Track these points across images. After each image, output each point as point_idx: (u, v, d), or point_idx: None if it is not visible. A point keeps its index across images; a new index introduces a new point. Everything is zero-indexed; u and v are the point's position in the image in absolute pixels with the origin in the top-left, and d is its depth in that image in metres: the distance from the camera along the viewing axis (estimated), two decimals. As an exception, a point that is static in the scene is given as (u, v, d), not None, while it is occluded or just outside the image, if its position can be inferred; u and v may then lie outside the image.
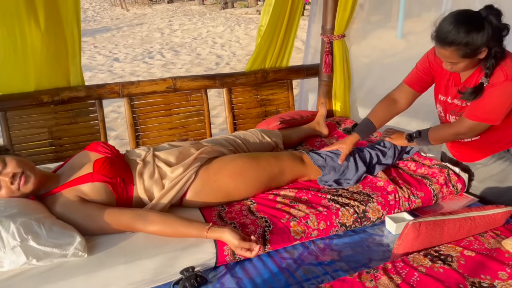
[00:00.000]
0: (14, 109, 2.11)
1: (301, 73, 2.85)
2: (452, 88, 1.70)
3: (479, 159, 1.83)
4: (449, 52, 1.50)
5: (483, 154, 1.80)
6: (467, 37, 1.44)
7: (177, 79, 2.45)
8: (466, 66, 1.56)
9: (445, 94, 1.76)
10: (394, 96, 1.90)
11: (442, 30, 1.48)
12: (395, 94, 1.90)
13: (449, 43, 1.48)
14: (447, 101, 1.75)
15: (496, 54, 1.49)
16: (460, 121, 1.67)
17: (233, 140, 2.00)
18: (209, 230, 1.42)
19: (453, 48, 1.48)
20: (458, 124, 1.68)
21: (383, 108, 1.90)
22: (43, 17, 1.98)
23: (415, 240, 1.39)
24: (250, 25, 10.43)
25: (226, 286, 1.37)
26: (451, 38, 1.46)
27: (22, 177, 1.44)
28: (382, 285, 1.22)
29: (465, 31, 1.44)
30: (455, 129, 1.69)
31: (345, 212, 1.63)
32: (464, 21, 1.45)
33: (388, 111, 1.90)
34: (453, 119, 1.75)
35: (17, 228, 1.26)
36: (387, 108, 1.90)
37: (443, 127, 1.77)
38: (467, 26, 1.44)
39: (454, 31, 1.45)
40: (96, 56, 7.68)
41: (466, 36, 1.44)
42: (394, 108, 1.90)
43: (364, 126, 1.93)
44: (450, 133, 1.73)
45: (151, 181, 1.59)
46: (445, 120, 1.82)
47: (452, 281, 1.23)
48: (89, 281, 1.28)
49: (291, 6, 2.58)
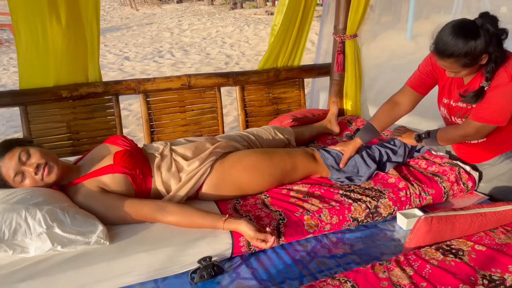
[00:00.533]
0: (34, 104, 2.17)
1: (313, 72, 2.89)
2: (455, 91, 1.73)
3: (487, 160, 1.85)
4: (449, 64, 1.53)
5: (490, 155, 1.83)
6: (465, 48, 1.46)
7: (192, 77, 2.50)
8: (469, 72, 1.59)
9: (448, 97, 1.78)
10: (397, 99, 1.90)
11: (440, 42, 1.51)
12: (398, 96, 1.90)
13: (448, 55, 1.50)
14: (451, 103, 1.77)
15: (496, 58, 1.52)
16: (467, 123, 1.69)
17: (246, 136, 2.05)
18: (226, 222, 1.46)
19: (452, 60, 1.51)
20: (465, 126, 1.70)
21: (386, 112, 1.91)
22: (65, 14, 2.04)
23: (426, 234, 1.42)
24: (259, 26, 10.47)
25: (242, 276, 1.41)
26: (450, 50, 1.49)
27: (46, 167, 1.49)
28: (395, 276, 1.25)
29: (463, 42, 1.46)
30: (463, 130, 1.71)
31: (357, 207, 1.67)
32: (461, 32, 1.47)
33: (390, 115, 1.90)
34: (459, 121, 1.77)
35: (43, 215, 1.31)
36: (390, 112, 1.90)
37: (451, 129, 1.79)
38: (465, 37, 1.46)
39: (453, 43, 1.47)
40: (107, 55, 7.76)
41: (464, 47, 1.46)
42: (397, 111, 1.90)
43: (365, 131, 1.94)
44: (458, 135, 1.75)
45: (168, 174, 1.64)
46: (450, 122, 1.84)
47: (463, 273, 1.26)
48: (111, 268, 1.33)
49: (304, 6, 2.62)
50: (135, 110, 4.72)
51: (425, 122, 2.56)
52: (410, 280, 1.23)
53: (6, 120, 4.61)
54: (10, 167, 1.46)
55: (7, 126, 4.45)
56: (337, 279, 1.25)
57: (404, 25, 3.26)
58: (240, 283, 1.38)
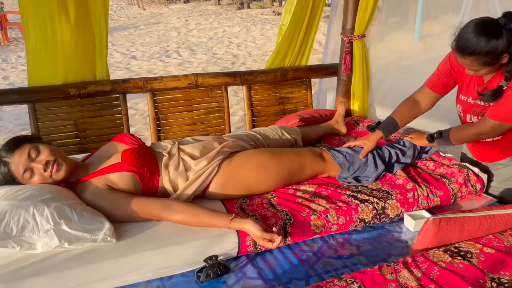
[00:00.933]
0: (43, 101, 2.18)
1: (320, 72, 2.88)
2: (474, 88, 1.71)
3: (500, 160, 1.83)
4: (470, 61, 1.52)
5: (504, 154, 1.81)
6: (487, 46, 1.46)
7: (199, 76, 2.50)
8: (489, 71, 1.58)
9: (466, 94, 1.77)
10: (416, 98, 1.92)
11: (462, 40, 1.50)
12: (417, 95, 1.92)
13: (469, 53, 1.49)
14: (468, 101, 1.76)
15: None
16: (482, 120, 1.68)
17: (253, 135, 2.04)
18: (232, 221, 1.46)
19: (473, 58, 1.50)
20: (481, 123, 1.69)
21: (406, 108, 1.92)
22: (74, 12, 2.05)
23: (434, 236, 1.41)
24: (266, 26, 10.47)
25: (248, 275, 1.41)
26: (471, 48, 1.48)
27: (55, 164, 1.50)
28: (402, 277, 1.25)
29: (485, 40, 1.45)
30: (478, 128, 1.70)
31: (365, 208, 1.66)
32: (484, 30, 1.46)
33: (411, 111, 1.92)
34: (475, 119, 1.76)
35: (51, 212, 1.32)
36: (410, 109, 1.92)
37: (465, 127, 1.78)
38: (487, 36, 1.45)
39: (474, 41, 1.46)
40: (114, 54, 7.80)
41: (486, 45, 1.45)
42: (417, 109, 1.91)
43: (387, 124, 1.96)
44: (472, 133, 1.74)
45: (176, 172, 1.64)
46: (464, 120, 1.83)
47: (472, 276, 1.25)
48: (118, 265, 1.33)
49: (312, 6, 2.61)
50: (142, 109, 4.74)
51: (433, 124, 2.55)
52: (418, 282, 1.22)
53: (14, 118, 4.65)
54: (20, 163, 1.47)
55: (14, 124, 4.49)
56: (344, 280, 1.24)
57: (412, 26, 3.24)
58: (246, 282, 1.37)
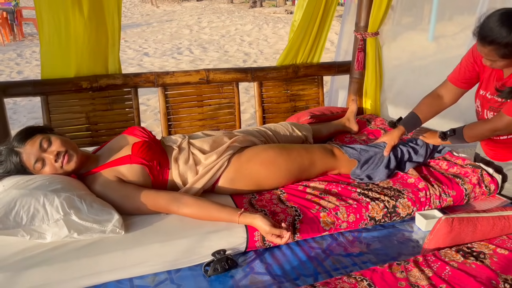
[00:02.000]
0: (55, 94, 2.20)
1: (332, 69, 2.86)
2: (493, 83, 1.68)
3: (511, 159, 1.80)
4: (488, 50, 1.50)
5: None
6: (508, 38, 1.43)
7: (210, 71, 2.50)
8: (506, 65, 1.54)
9: (485, 89, 1.74)
10: (439, 92, 1.89)
11: (485, 27, 1.47)
12: (440, 90, 1.89)
13: (489, 42, 1.47)
14: (486, 96, 1.73)
15: None
16: (498, 116, 1.65)
17: (264, 131, 2.03)
18: (241, 216, 1.45)
19: (492, 47, 1.47)
20: (496, 119, 1.66)
21: (428, 103, 1.90)
22: (87, 6, 2.06)
23: (447, 236, 1.38)
24: (278, 24, 10.44)
25: (256, 270, 1.40)
26: (492, 37, 1.45)
27: (66, 155, 1.51)
28: (413, 276, 1.22)
29: (507, 31, 1.42)
30: (492, 125, 1.67)
31: (375, 206, 1.64)
32: (508, 21, 1.43)
33: (433, 106, 1.90)
34: (491, 115, 1.73)
35: (61, 202, 1.32)
36: (432, 103, 1.89)
37: (479, 124, 1.75)
38: (510, 27, 1.42)
39: (496, 31, 1.44)
40: (127, 50, 7.85)
41: (507, 36, 1.43)
42: (439, 104, 1.89)
43: (409, 120, 1.93)
44: (487, 129, 1.71)
45: (185, 166, 1.64)
46: (481, 115, 1.80)
47: (484, 276, 1.22)
48: (126, 257, 1.33)
49: (326, 2, 2.59)
50: (153, 105, 4.76)
51: (447, 124, 2.51)
52: (429, 281, 1.20)
53: (28, 112, 4.70)
54: (31, 153, 1.47)
55: (28, 117, 4.54)
56: (353, 277, 1.22)
57: (426, 26, 3.20)
58: (253, 277, 1.36)
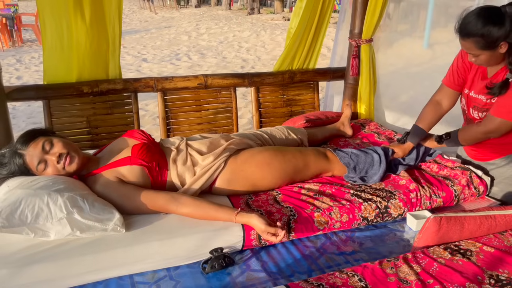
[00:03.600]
0: (57, 98, 2.25)
1: (327, 75, 2.92)
2: (478, 82, 1.76)
3: (493, 159, 1.88)
4: (468, 44, 1.60)
5: (498, 154, 1.85)
6: (482, 29, 1.53)
7: (208, 77, 2.56)
8: (489, 60, 1.63)
9: (469, 88, 1.82)
10: (437, 98, 1.97)
11: (463, 22, 1.58)
12: (437, 96, 1.98)
13: (467, 34, 1.57)
14: (470, 95, 1.81)
15: None
16: (488, 119, 1.72)
17: (260, 135, 2.09)
18: (238, 215, 1.50)
19: (471, 40, 1.58)
20: (487, 122, 1.73)
21: (429, 111, 1.98)
22: (89, 13, 2.12)
23: (435, 234, 1.44)
24: (276, 31, 10.54)
25: (252, 268, 1.45)
26: (468, 30, 1.56)
27: (68, 157, 1.56)
28: (402, 272, 1.28)
29: (482, 23, 1.52)
30: (484, 127, 1.74)
31: (368, 207, 1.69)
32: (483, 15, 1.54)
33: (435, 113, 1.97)
34: (476, 114, 1.80)
35: (64, 201, 1.37)
36: (433, 111, 1.97)
37: (472, 127, 1.82)
38: (485, 19, 1.52)
39: (473, 24, 1.54)
40: (125, 56, 7.91)
41: (482, 28, 1.53)
42: (439, 110, 1.97)
43: (415, 133, 2.01)
44: (480, 132, 1.77)
45: (183, 167, 1.69)
46: (468, 114, 1.88)
47: (471, 272, 1.27)
48: (127, 254, 1.38)
49: (321, 10, 2.66)
50: (151, 110, 4.81)
51: (443, 129, 2.58)
52: (417, 276, 1.25)
53: (27, 117, 4.74)
54: (34, 155, 1.53)
55: (27, 122, 4.58)
56: (344, 273, 1.27)
57: (421, 33, 3.28)
58: (250, 274, 1.41)
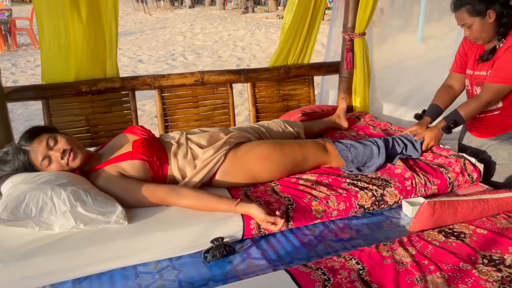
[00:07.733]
0: (56, 98, 2.28)
1: (322, 69, 2.96)
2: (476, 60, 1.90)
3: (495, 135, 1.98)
4: (460, 14, 1.74)
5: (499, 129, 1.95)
6: None
7: (205, 73, 2.59)
8: (481, 30, 1.74)
9: (472, 68, 1.94)
10: (447, 83, 2.12)
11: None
12: (448, 81, 2.13)
13: (458, 5, 1.73)
14: (474, 74, 1.93)
15: (505, 23, 1.71)
16: (484, 88, 1.84)
17: (257, 128, 2.13)
18: (237, 205, 1.54)
19: (462, 10, 1.74)
20: (484, 92, 1.84)
21: (443, 92, 2.12)
22: (85, 13, 2.15)
23: (429, 218, 1.48)
24: (271, 29, 10.58)
25: (252, 256, 1.48)
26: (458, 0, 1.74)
27: (71, 153, 1.59)
28: (397, 254, 1.32)
29: None
30: (482, 97, 1.85)
31: (364, 195, 1.74)
32: None
33: (448, 94, 2.12)
34: (479, 89, 1.91)
35: (68, 195, 1.41)
36: (446, 92, 2.11)
37: (471, 102, 1.92)
38: None
39: None
40: (121, 58, 7.93)
41: None
42: (452, 91, 2.12)
43: (432, 110, 2.12)
44: (480, 103, 1.87)
45: (184, 161, 1.73)
46: (472, 93, 1.99)
47: (464, 253, 1.32)
48: (130, 245, 1.41)
49: (314, 5, 2.70)
50: (148, 110, 4.84)
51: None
52: (413, 258, 1.29)
53: (25, 120, 4.76)
54: (38, 151, 1.56)
55: (25, 125, 4.60)
56: (342, 257, 1.32)
57: (415, 28, 3.33)
58: (250, 262, 1.45)
